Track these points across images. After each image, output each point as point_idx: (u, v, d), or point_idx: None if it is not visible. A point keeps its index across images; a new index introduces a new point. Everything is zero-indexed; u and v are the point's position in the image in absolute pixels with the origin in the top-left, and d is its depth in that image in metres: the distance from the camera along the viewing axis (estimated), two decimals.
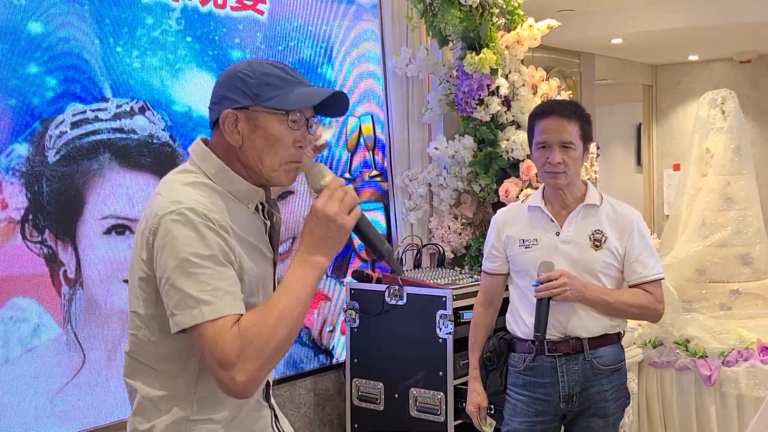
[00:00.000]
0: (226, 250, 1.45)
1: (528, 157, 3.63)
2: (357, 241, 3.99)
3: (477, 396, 2.67)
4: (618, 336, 2.57)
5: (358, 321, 3.61)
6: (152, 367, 1.55)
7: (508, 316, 2.63)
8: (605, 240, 2.47)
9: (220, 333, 1.39)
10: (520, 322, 2.55)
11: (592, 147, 4.11)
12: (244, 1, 3.46)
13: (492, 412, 2.71)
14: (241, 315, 1.43)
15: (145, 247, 1.48)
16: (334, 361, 3.89)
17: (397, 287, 3.48)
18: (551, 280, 2.39)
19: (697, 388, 3.65)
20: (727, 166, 4.04)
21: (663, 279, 2.56)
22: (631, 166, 8.40)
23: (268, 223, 1.64)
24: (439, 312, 3.31)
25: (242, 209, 1.56)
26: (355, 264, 3.97)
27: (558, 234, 2.49)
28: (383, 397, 3.52)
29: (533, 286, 2.42)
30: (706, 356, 3.63)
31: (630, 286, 2.53)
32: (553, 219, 2.51)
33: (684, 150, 6.31)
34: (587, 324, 2.48)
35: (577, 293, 2.41)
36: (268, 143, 1.51)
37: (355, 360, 3.63)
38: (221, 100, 1.53)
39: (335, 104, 1.59)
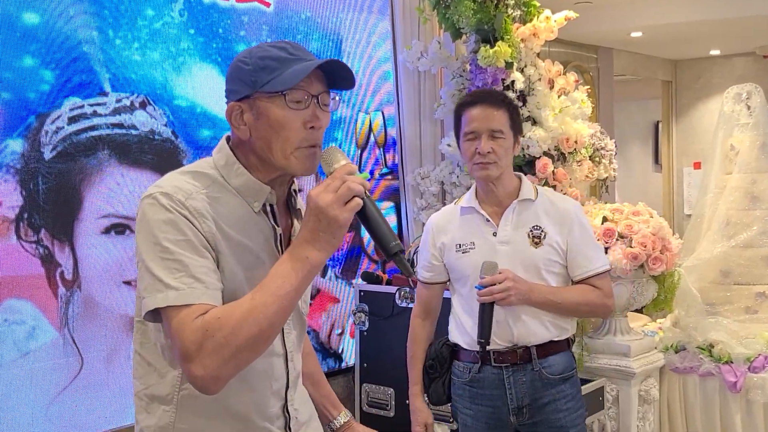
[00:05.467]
0: (201, 237, 1.38)
1: (545, 153, 3.50)
2: (366, 239, 3.87)
3: (422, 414, 2.49)
4: (568, 343, 2.43)
5: (367, 324, 3.49)
6: (148, 361, 1.49)
7: (450, 325, 2.48)
8: (545, 236, 2.33)
9: (183, 321, 1.32)
10: (464, 332, 2.39)
11: (610, 143, 4.02)
12: None
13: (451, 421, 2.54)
14: (214, 306, 1.35)
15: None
16: (344, 365, 3.77)
17: (407, 289, 3.37)
18: (495, 284, 2.22)
19: (721, 395, 3.50)
20: (752, 164, 3.88)
21: (609, 271, 2.44)
22: (649, 164, 8.25)
23: (278, 229, 1.49)
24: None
25: (243, 207, 1.45)
26: (364, 265, 3.85)
27: (495, 234, 2.35)
28: (393, 403, 3.41)
29: (476, 289, 2.25)
30: (731, 362, 3.48)
31: (575, 283, 2.39)
32: (489, 219, 2.36)
33: (705, 148, 6.15)
34: (535, 330, 2.34)
35: (522, 297, 2.26)
36: (274, 130, 1.41)
37: (365, 364, 3.51)
38: (228, 95, 1.47)
39: (340, 76, 1.45)
